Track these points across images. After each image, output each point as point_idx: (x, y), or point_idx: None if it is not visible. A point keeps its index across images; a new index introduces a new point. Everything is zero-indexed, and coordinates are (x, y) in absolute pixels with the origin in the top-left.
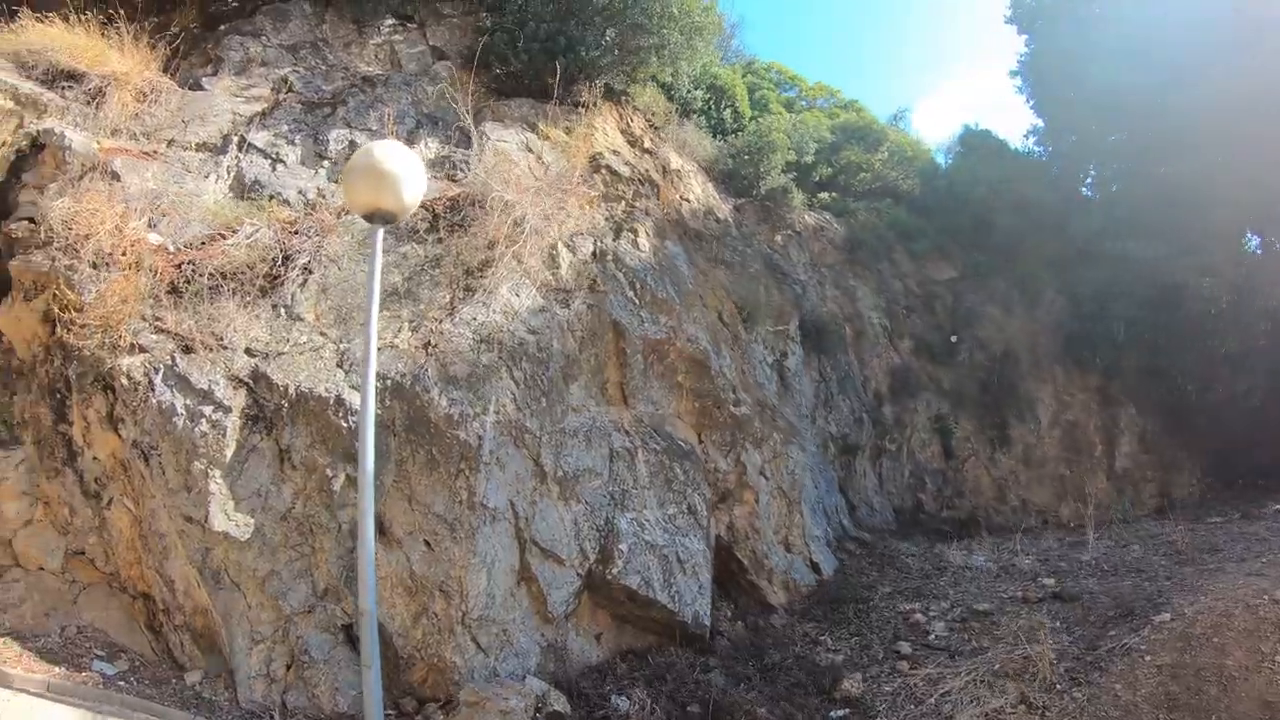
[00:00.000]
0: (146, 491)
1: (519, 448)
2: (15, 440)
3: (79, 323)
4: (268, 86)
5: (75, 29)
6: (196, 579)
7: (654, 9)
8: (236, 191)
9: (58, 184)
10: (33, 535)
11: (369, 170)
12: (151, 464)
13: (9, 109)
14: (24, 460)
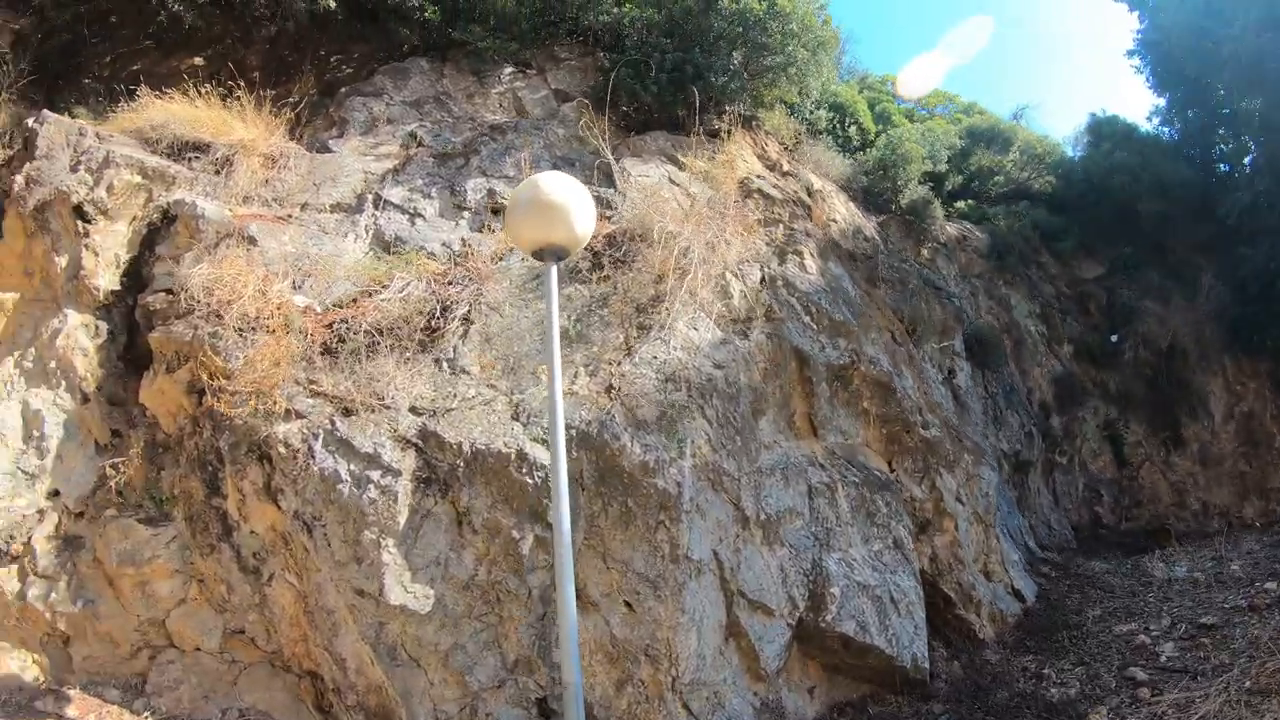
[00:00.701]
0: (311, 565)
1: (717, 492)
2: (166, 517)
3: (229, 390)
4: (396, 143)
5: (196, 103)
6: (370, 656)
7: (775, 28)
8: (377, 249)
9: (193, 253)
10: (188, 615)
11: (536, 204)
12: (316, 536)
13: (137, 183)
14: (176, 537)
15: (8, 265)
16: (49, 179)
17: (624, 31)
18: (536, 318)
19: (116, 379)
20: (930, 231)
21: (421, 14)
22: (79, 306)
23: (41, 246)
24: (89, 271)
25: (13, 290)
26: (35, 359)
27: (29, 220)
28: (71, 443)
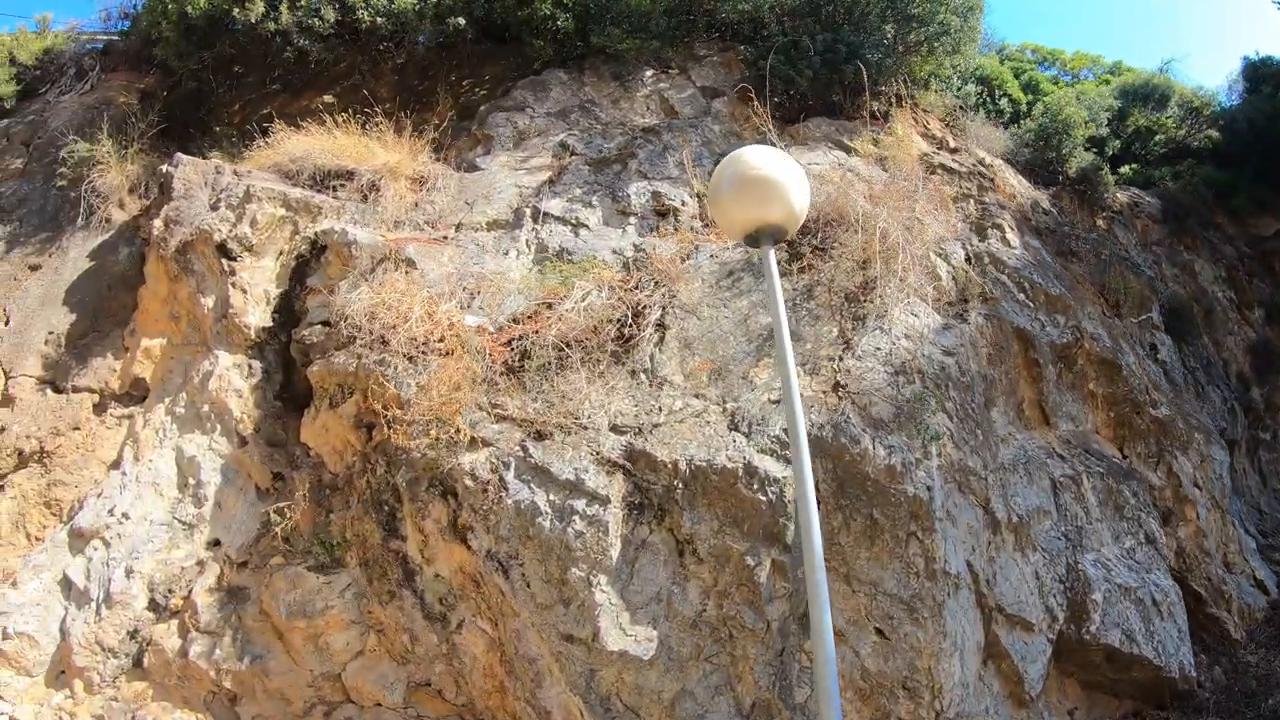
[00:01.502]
0: (507, 609)
1: (965, 494)
2: (338, 563)
3: (403, 421)
4: (546, 154)
5: (334, 133)
6: (580, 708)
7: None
8: (541, 263)
9: (349, 281)
10: (366, 668)
11: (745, 180)
12: (513, 576)
13: (281, 216)
14: (350, 585)
15: (152, 311)
16: (189, 219)
17: (763, 19)
18: (738, 317)
19: (274, 419)
20: (1103, 200)
21: (554, 24)
22: (230, 347)
23: (186, 289)
24: (238, 310)
25: (159, 336)
26: (187, 404)
27: (171, 263)
28: (230, 489)
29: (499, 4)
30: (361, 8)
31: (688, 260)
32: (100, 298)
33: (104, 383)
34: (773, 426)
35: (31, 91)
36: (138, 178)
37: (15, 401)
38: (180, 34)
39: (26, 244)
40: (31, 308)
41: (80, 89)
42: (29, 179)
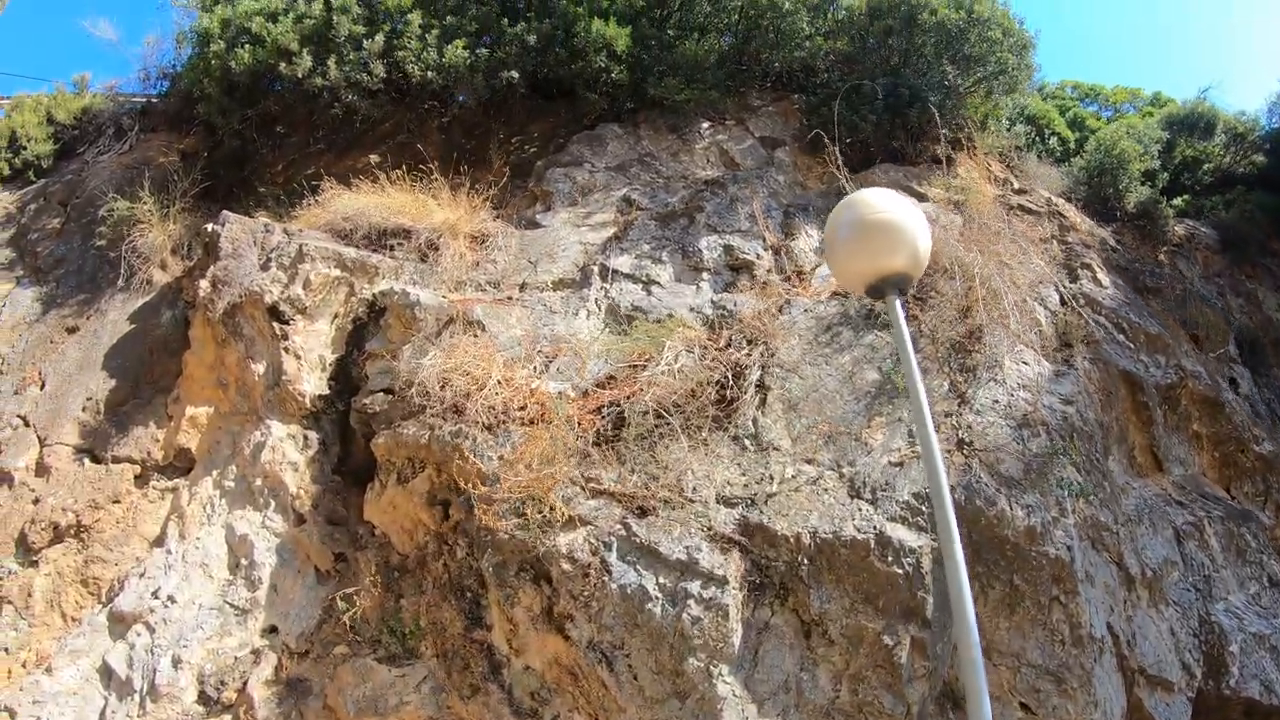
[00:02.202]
0: (611, 705)
1: (1099, 550)
2: (411, 654)
3: (487, 499)
4: (609, 210)
5: (387, 190)
6: None
7: (975, 36)
8: (613, 323)
9: (413, 345)
10: None
11: (866, 227)
12: (618, 668)
13: (335, 277)
14: (426, 678)
15: (198, 377)
16: (238, 280)
17: (816, 66)
18: (842, 374)
19: (333, 495)
20: (1164, 233)
21: (608, 77)
22: (283, 416)
23: (234, 354)
24: (291, 377)
25: (205, 404)
26: (237, 478)
27: (218, 327)
28: (287, 570)
29: (551, 57)
30: (411, 62)
31: (780, 316)
32: (142, 363)
33: (146, 453)
34: (899, 491)
35: (69, 151)
36: (180, 238)
37: (51, 472)
38: (223, 91)
39: (64, 305)
40: (69, 372)
41: (119, 149)
42: (66, 239)
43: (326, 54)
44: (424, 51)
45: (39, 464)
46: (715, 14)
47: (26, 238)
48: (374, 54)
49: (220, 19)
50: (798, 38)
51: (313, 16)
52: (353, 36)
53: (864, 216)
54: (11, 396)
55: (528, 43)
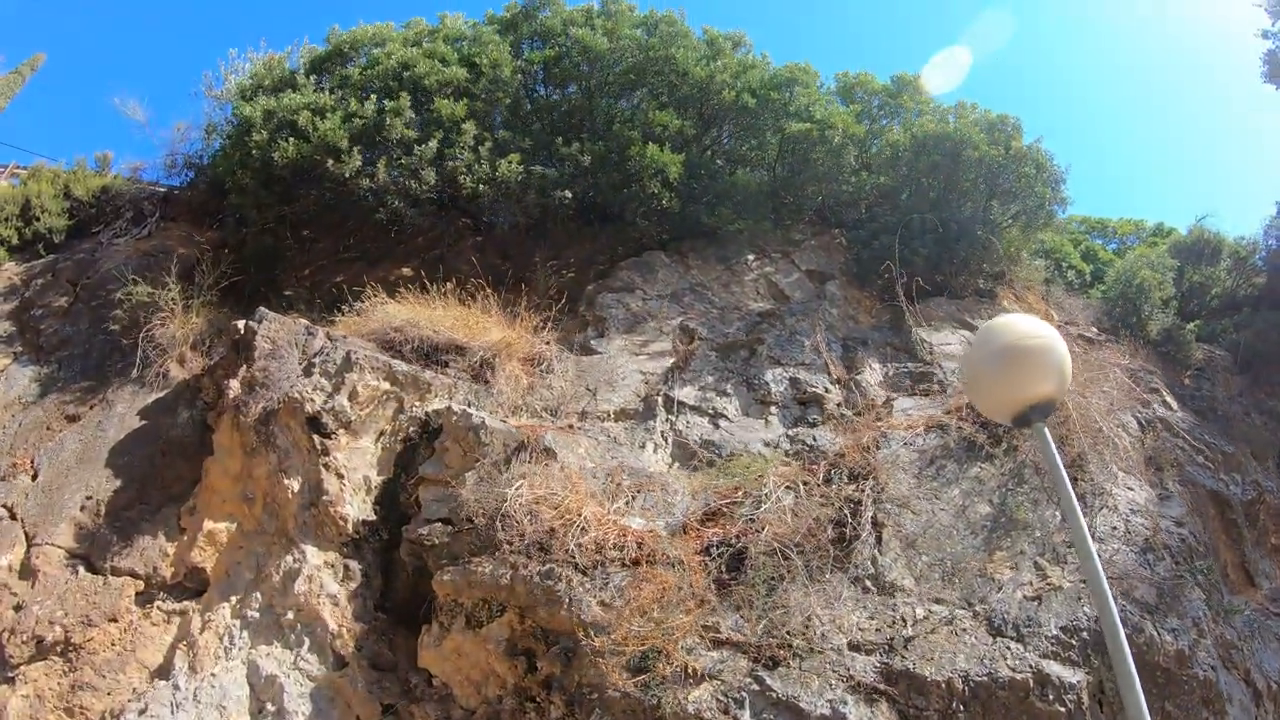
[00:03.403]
0: None
1: (1229, 668)
2: None
3: (591, 651)
4: (667, 339)
5: (435, 304)
6: None
7: (1012, 170)
8: (682, 457)
9: (477, 472)
10: None
11: (1018, 353)
12: None
13: (385, 391)
14: None
15: (220, 488)
16: (276, 384)
17: (860, 200)
18: (954, 508)
19: (379, 636)
20: (1189, 358)
21: (659, 204)
22: (320, 542)
23: (265, 466)
24: (333, 497)
25: (226, 519)
26: (263, 608)
27: (249, 434)
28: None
29: (603, 179)
30: (463, 173)
31: (879, 450)
32: (152, 464)
33: (153, 568)
34: (1045, 626)
35: (84, 229)
36: (202, 333)
37: (38, 575)
38: (261, 183)
39: (66, 390)
40: (67, 464)
41: (137, 233)
42: (74, 320)
43: (376, 155)
44: (476, 164)
45: (25, 565)
46: (760, 147)
47: (30, 313)
48: (426, 160)
49: (263, 109)
50: (845, 172)
51: (364, 116)
52: (404, 140)
53: (1015, 342)
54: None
55: (581, 163)
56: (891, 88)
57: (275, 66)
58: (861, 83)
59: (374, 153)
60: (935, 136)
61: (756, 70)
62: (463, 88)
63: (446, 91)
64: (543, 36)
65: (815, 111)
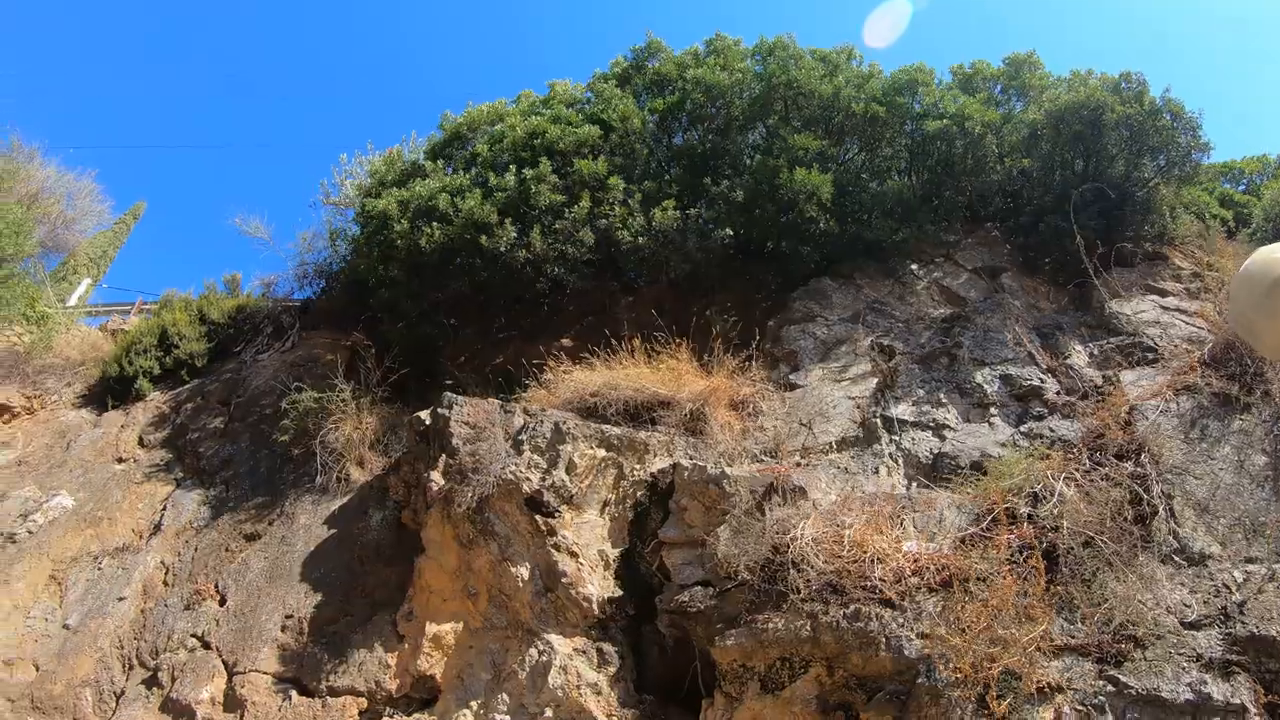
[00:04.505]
0: None
1: None
2: None
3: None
4: (864, 361)
5: (622, 364)
6: None
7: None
8: (917, 474)
9: (729, 525)
10: None
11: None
12: None
13: (601, 459)
14: None
15: (438, 588)
16: (486, 467)
17: (1010, 187)
18: (1232, 466)
19: (645, 719)
20: None
21: (817, 227)
22: (563, 628)
23: (485, 557)
24: (572, 579)
25: (450, 619)
26: (513, 709)
27: (463, 525)
28: None
29: (759, 213)
30: (618, 229)
31: (1135, 425)
32: (350, 572)
33: (374, 683)
34: None
35: (224, 350)
36: (376, 432)
37: (247, 707)
38: (408, 273)
39: (239, 510)
40: (256, 585)
41: (280, 347)
42: (232, 439)
43: (525, 226)
44: (630, 217)
45: (229, 696)
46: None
47: (185, 438)
48: (580, 221)
49: (397, 200)
50: (989, 160)
51: (505, 189)
52: (553, 206)
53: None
54: (182, 613)
55: (733, 199)
56: (1009, 70)
57: (395, 160)
58: (978, 71)
59: (523, 224)
60: (1072, 106)
61: (876, 79)
62: (596, 146)
63: (583, 152)
64: (658, 85)
65: (946, 106)
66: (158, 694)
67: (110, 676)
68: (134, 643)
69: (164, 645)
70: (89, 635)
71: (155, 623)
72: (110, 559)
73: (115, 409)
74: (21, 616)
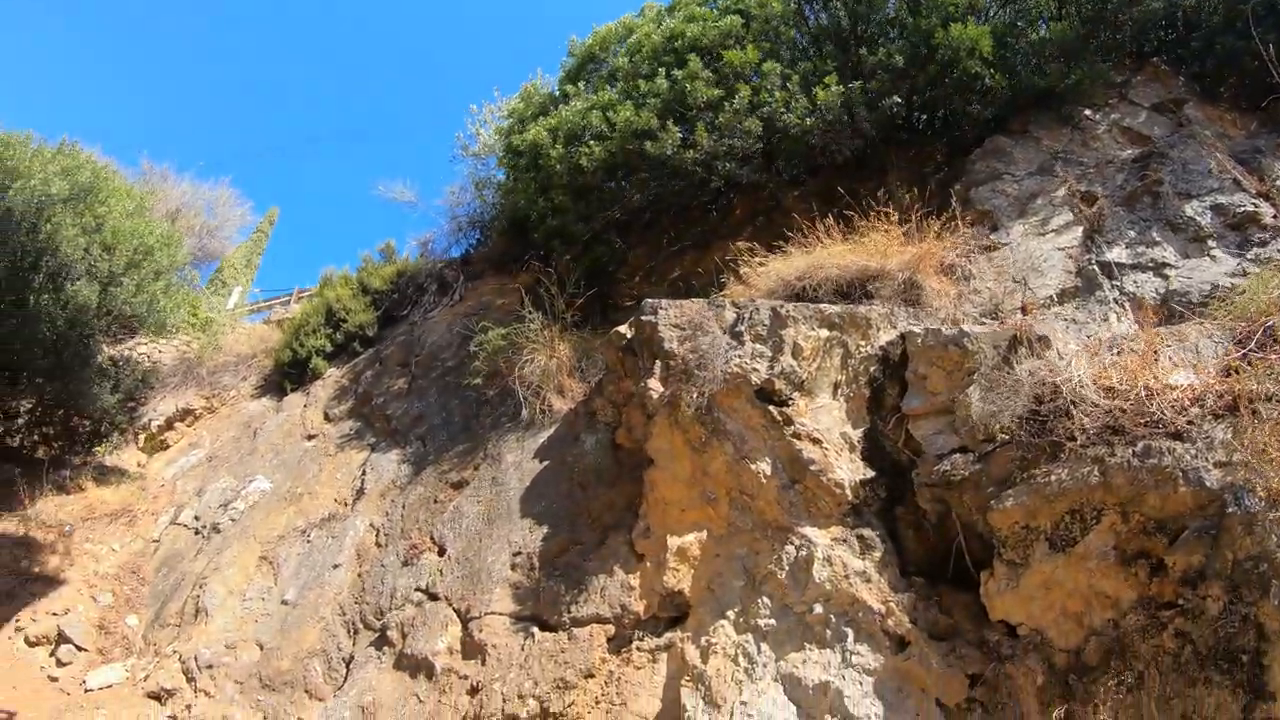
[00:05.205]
0: None
1: None
2: None
3: (1246, 518)
4: (1064, 211)
5: (816, 248)
6: None
7: None
8: (1147, 316)
9: (977, 386)
10: None
11: None
12: None
13: (825, 339)
14: None
15: (673, 498)
16: (709, 364)
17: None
18: None
19: (925, 602)
20: None
21: (982, 83)
22: (817, 520)
23: (721, 458)
24: (820, 466)
25: (692, 529)
26: (776, 611)
27: (693, 429)
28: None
29: (920, 77)
30: (782, 113)
31: None
32: (572, 501)
33: (619, 607)
34: None
35: (390, 317)
36: (570, 359)
37: (486, 650)
38: (572, 196)
39: (440, 462)
40: (474, 529)
41: (448, 302)
42: (419, 396)
43: (688, 127)
44: (791, 100)
45: (466, 643)
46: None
47: (371, 404)
48: (741, 112)
49: (547, 128)
50: None
51: (658, 93)
52: (711, 102)
53: None
54: (401, 569)
55: (893, 65)
56: None
57: (532, 95)
58: None
59: (683, 126)
60: None
61: None
62: (740, 36)
63: (728, 44)
64: None
65: None
66: (390, 653)
67: (336, 644)
68: (356, 607)
69: (388, 604)
70: (309, 607)
71: (374, 584)
72: (318, 530)
73: (294, 391)
74: (238, 600)
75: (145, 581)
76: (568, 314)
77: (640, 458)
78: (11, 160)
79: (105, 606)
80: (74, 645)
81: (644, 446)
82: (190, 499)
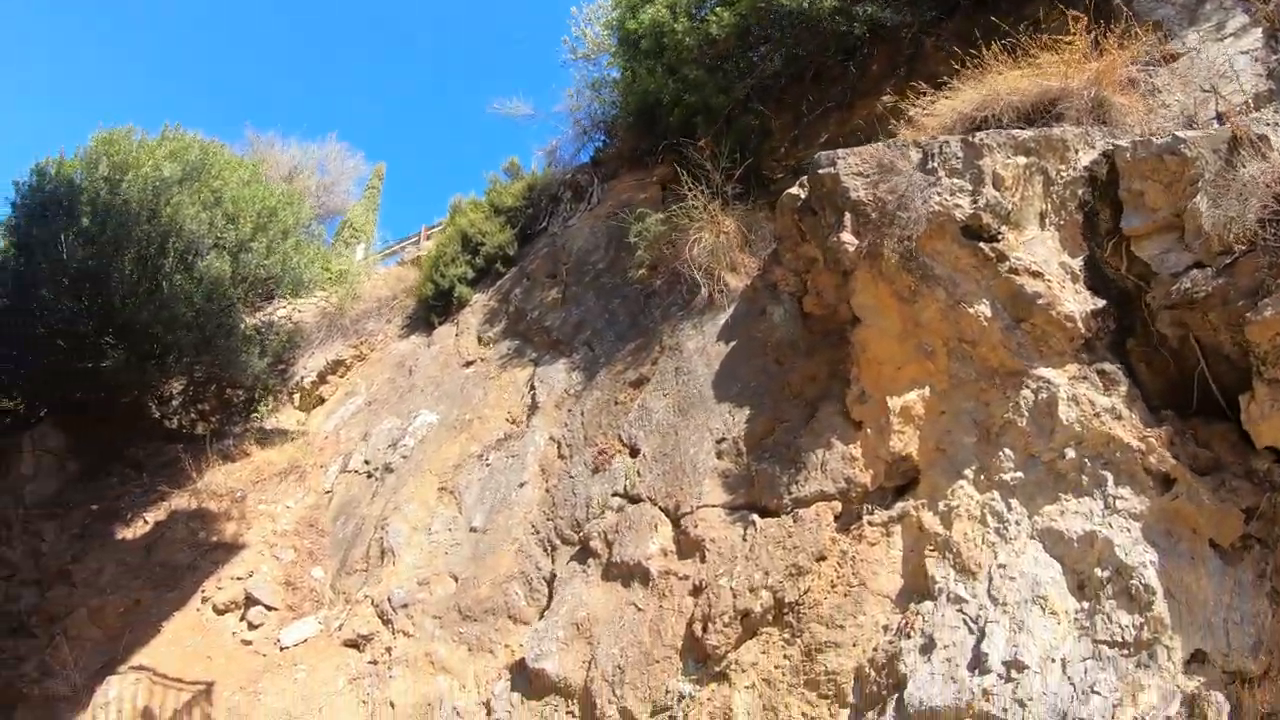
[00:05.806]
0: None
1: None
2: None
3: None
4: (1238, 15)
5: (990, 72)
6: None
7: None
8: None
9: (1203, 193)
10: None
11: None
12: None
13: (1024, 166)
14: None
15: (886, 356)
16: (909, 205)
17: None
18: None
19: (1181, 435)
20: None
21: None
22: (1050, 359)
23: (933, 306)
24: (1049, 300)
25: (911, 387)
26: (1021, 464)
27: (899, 278)
28: (1175, 563)
29: None
30: None
31: None
32: (769, 377)
33: (845, 481)
34: None
35: (527, 234)
36: (738, 235)
37: (705, 546)
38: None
39: (614, 362)
40: (666, 424)
41: (585, 207)
42: (576, 303)
43: None
44: None
45: (680, 541)
46: None
47: (526, 320)
48: None
49: (666, 4)
50: None
51: None
52: None
53: None
54: (592, 477)
55: None
56: None
57: None
58: None
59: None
60: None
61: None
62: None
63: None
64: None
65: None
66: (595, 564)
67: (535, 563)
68: (549, 523)
69: (584, 515)
70: (499, 530)
71: (566, 496)
72: (495, 452)
73: (442, 324)
74: (423, 535)
75: (324, 533)
76: (728, 187)
77: (834, 323)
78: (119, 155)
79: (288, 563)
80: (263, 606)
81: (838, 310)
82: (357, 445)
